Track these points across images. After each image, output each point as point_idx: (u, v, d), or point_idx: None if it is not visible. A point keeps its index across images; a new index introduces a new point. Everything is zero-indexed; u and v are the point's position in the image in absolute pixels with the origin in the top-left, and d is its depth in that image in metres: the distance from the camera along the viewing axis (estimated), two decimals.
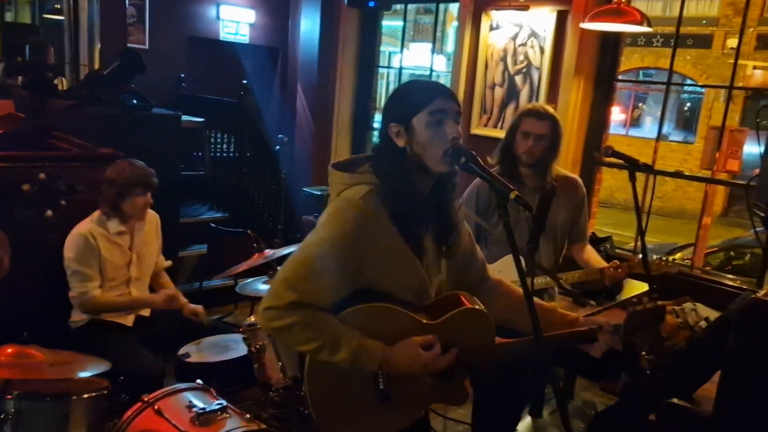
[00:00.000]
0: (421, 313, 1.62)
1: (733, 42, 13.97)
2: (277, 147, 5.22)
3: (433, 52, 6.45)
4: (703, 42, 14.59)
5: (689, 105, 16.35)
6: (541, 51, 4.35)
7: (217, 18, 6.84)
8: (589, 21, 3.63)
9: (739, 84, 10.84)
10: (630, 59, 15.07)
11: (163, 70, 6.06)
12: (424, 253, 1.64)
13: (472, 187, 2.65)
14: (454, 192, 1.68)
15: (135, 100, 4.38)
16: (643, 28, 3.49)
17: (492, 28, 4.61)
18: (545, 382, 3.32)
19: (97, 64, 6.07)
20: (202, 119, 5.83)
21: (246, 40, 7.07)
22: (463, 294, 1.71)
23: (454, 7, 5.59)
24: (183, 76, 6.62)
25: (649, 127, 16.33)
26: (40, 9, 8.87)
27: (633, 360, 1.72)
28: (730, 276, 4.15)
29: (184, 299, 3.16)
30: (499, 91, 4.65)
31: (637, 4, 3.63)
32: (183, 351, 2.85)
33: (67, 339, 2.84)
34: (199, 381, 2.42)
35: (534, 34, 4.38)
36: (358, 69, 5.93)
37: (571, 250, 2.76)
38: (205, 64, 6.91)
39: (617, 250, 4.05)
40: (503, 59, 4.57)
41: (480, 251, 1.86)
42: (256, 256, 3.13)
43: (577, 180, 2.74)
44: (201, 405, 2.20)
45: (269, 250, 3.19)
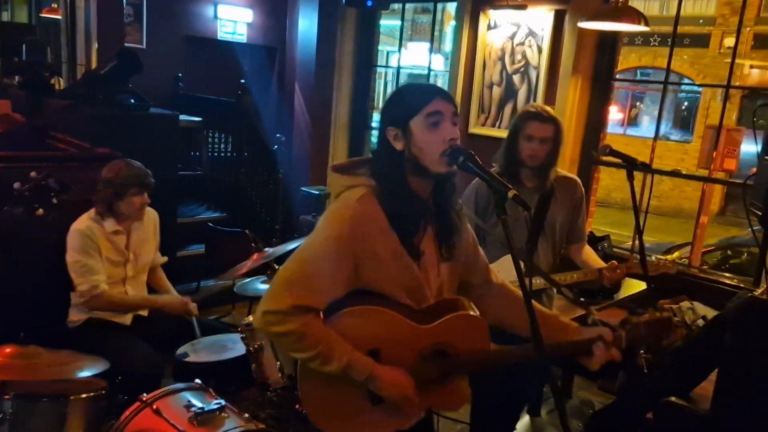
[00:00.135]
0: (416, 317, 1.61)
1: (730, 41, 13.99)
2: (275, 147, 5.22)
3: (431, 51, 6.45)
4: (700, 41, 14.61)
5: (686, 104, 16.37)
6: (539, 50, 4.36)
7: (215, 17, 6.83)
8: (587, 20, 3.63)
9: (736, 83, 10.84)
10: (627, 58, 15.09)
11: (160, 69, 6.06)
12: (422, 256, 1.63)
13: (471, 186, 2.64)
14: (453, 193, 1.68)
15: (132, 100, 4.38)
16: (641, 28, 3.50)
17: (490, 28, 4.62)
18: (543, 381, 3.32)
19: (94, 64, 6.06)
20: (200, 119, 5.83)
21: (243, 39, 7.07)
22: (461, 299, 1.70)
23: (452, 7, 5.59)
24: (180, 75, 6.61)
25: (646, 127, 16.36)
26: (36, 8, 8.86)
27: (630, 359, 1.72)
28: (727, 275, 4.16)
29: (176, 295, 3.19)
30: (497, 91, 4.65)
31: (635, 3, 3.63)
32: (181, 351, 2.84)
33: (64, 339, 2.82)
34: (198, 381, 2.41)
35: (532, 34, 4.39)
36: (355, 68, 5.93)
37: (569, 250, 2.75)
38: (202, 63, 6.91)
39: (615, 249, 4.06)
40: (501, 58, 4.58)
41: (483, 254, 1.84)
42: (255, 255, 3.13)
43: (576, 180, 2.73)
44: (199, 405, 2.19)
45: (268, 249, 3.18)
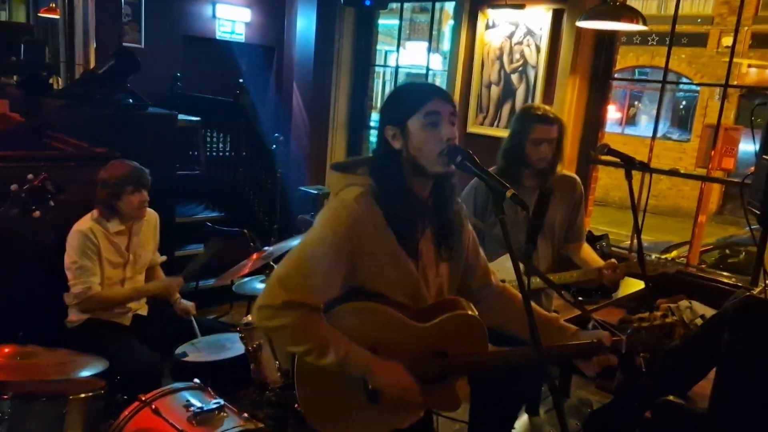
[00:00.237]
0: (413, 316, 1.61)
1: (727, 40, 13.99)
2: (273, 146, 5.22)
3: (430, 50, 6.44)
4: (698, 40, 14.61)
5: (684, 103, 16.38)
6: (537, 49, 4.36)
7: (213, 17, 6.83)
8: (585, 19, 3.64)
9: (733, 82, 10.86)
10: (625, 58, 15.08)
11: (158, 69, 6.06)
12: (420, 256, 1.63)
13: (471, 186, 2.64)
14: (453, 193, 1.67)
15: (130, 100, 4.37)
16: (639, 27, 3.50)
17: (488, 27, 4.62)
18: (542, 380, 3.32)
19: (92, 63, 6.04)
20: (198, 118, 5.82)
21: (242, 39, 7.07)
22: (460, 299, 1.70)
23: (450, 6, 5.60)
24: (179, 75, 6.61)
25: (644, 126, 16.36)
26: (34, 8, 8.84)
27: (628, 358, 1.73)
28: (725, 274, 4.16)
29: (176, 294, 3.16)
30: (495, 90, 4.65)
31: (633, 2, 3.64)
32: (180, 350, 2.84)
33: (63, 339, 2.82)
34: (196, 380, 2.42)
35: (530, 33, 4.39)
36: (354, 68, 5.93)
37: (568, 249, 2.75)
38: (200, 63, 6.91)
39: (613, 248, 4.07)
40: (499, 58, 4.58)
41: (484, 256, 1.84)
42: (254, 255, 3.13)
43: (575, 178, 2.73)
44: (198, 404, 2.19)
45: (267, 248, 3.18)
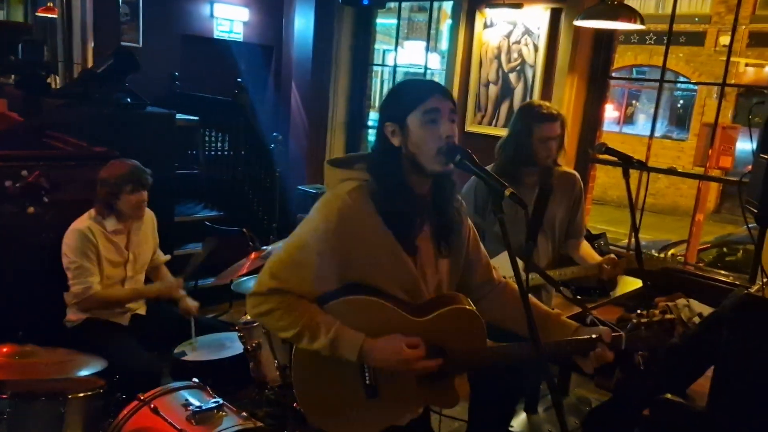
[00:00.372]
0: (411, 311, 1.61)
1: (725, 39, 14.02)
2: (272, 145, 5.21)
3: (428, 50, 6.45)
4: (696, 39, 14.63)
5: (682, 102, 16.41)
6: (535, 49, 4.37)
7: (211, 16, 6.83)
8: (583, 19, 3.64)
9: (731, 81, 10.87)
10: (623, 57, 15.10)
11: (157, 68, 6.05)
12: (418, 252, 1.63)
13: (471, 184, 2.63)
14: (453, 191, 1.67)
15: (129, 99, 4.37)
16: (637, 26, 3.51)
17: (486, 26, 4.62)
18: (541, 378, 3.33)
19: (90, 63, 6.05)
20: (197, 118, 5.82)
21: (240, 38, 7.06)
22: (458, 294, 1.69)
23: (448, 5, 5.60)
24: (177, 74, 6.60)
25: (642, 125, 16.38)
26: (32, 7, 8.82)
27: (627, 356, 1.73)
28: (723, 272, 4.17)
29: (182, 292, 3.16)
30: (493, 89, 4.66)
31: (631, 1, 3.64)
32: (179, 349, 2.85)
33: (62, 338, 2.82)
34: (195, 379, 2.42)
35: (528, 32, 4.40)
36: (352, 67, 5.93)
37: (567, 246, 2.75)
38: (199, 62, 6.90)
39: (611, 247, 4.07)
40: (497, 57, 4.58)
41: (485, 252, 1.84)
42: (253, 255, 3.13)
43: (575, 175, 2.72)
44: (197, 403, 2.20)
45: (265, 247, 3.18)
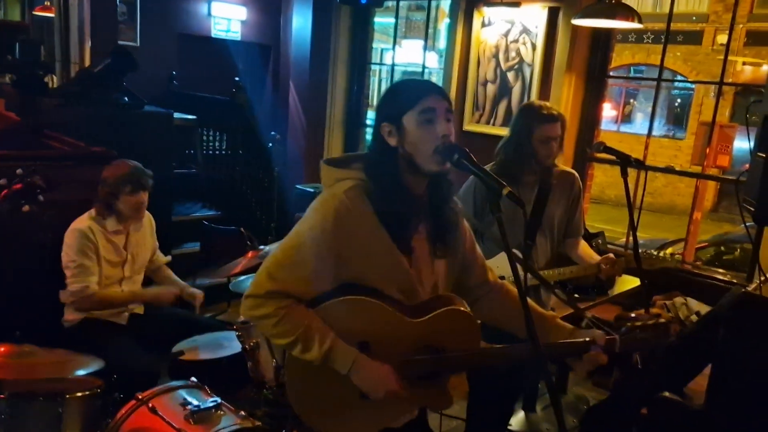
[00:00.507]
0: (406, 311, 1.60)
1: (722, 38, 14.05)
2: (270, 144, 5.21)
3: (426, 48, 6.45)
4: (694, 38, 14.66)
5: (679, 101, 16.43)
6: (533, 47, 4.37)
7: (209, 15, 6.82)
8: (581, 17, 3.64)
9: (729, 80, 10.89)
10: (621, 56, 15.13)
11: (154, 67, 6.04)
12: (413, 252, 1.62)
13: (470, 183, 2.63)
14: (450, 192, 1.66)
15: (126, 98, 4.37)
16: (634, 25, 3.51)
17: (484, 25, 4.62)
18: (539, 376, 3.33)
19: (87, 62, 6.04)
20: (194, 117, 5.81)
21: (238, 37, 7.06)
22: (453, 296, 1.69)
23: (446, 4, 5.60)
24: (174, 73, 6.59)
25: (640, 124, 16.41)
26: (29, 6, 8.81)
27: (625, 355, 1.73)
28: (721, 271, 4.18)
29: (182, 283, 3.20)
30: (491, 88, 4.66)
31: (628, 0, 3.64)
32: (177, 349, 2.84)
33: (60, 338, 2.82)
34: (193, 378, 2.42)
35: (526, 31, 4.40)
36: (350, 66, 5.92)
37: (565, 245, 2.75)
38: (196, 61, 6.89)
39: (609, 246, 4.08)
40: (495, 56, 4.58)
41: (481, 253, 1.83)
42: (250, 253, 3.13)
43: (574, 174, 2.72)
44: (195, 402, 2.19)
45: (263, 246, 3.18)
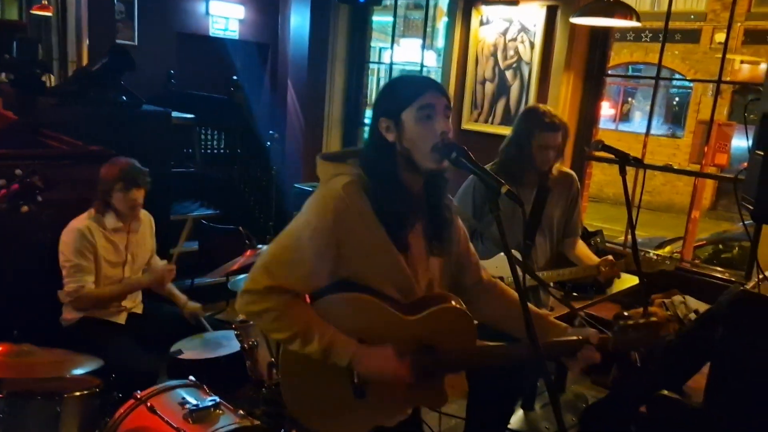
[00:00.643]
0: (402, 309, 1.60)
1: (720, 37, 14.05)
2: (268, 143, 5.21)
3: (424, 47, 6.43)
4: (692, 37, 14.67)
5: (678, 99, 16.45)
6: (531, 46, 4.37)
7: (207, 14, 6.81)
8: (579, 16, 3.64)
9: (727, 78, 10.91)
10: (619, 54, 15.14)
11: (152, 66, 6.04)
12: (409, 250, 1.61)
13: (469, 184, 2.62)
14: (445, 189, 1.66)
15: (124, 97, 4.36)
16: (632, 23, 3.51)
17: (482, 23, 4.62)
18: (537, 375, 3.33)
19: (85, 61, 6.04)
20: (192, 116, 5.81)
21: (236, 36, 7.05)
22: (449, 294, 1.69)
23: (444, 3, 5.60)
24: (172, 72, 6.59)
25: (638, 122, 16.43)
26: (27, 5, 8.80)
27: (623, 353, 1.73)
28: (719, 269, 4.18)
29: (183, 298, 3.19)
30: (489, 86, 4.66)
31: None
32: (175, 348, 2.85)
33: (59, 337, 2.82)
34: (192, 378, 2.41)
35: (524, 29, 4.40)
36: (348, 65, 5.92)
37: (564, 245, 2.76)
38: (194, 60, 6.89)
39: (608, 244, 4.08)
40: (493, 54, 4.58)
41: (475, 252, 1.83)
42: (248, 252, 3.13)
43: (572, 174, 2.73)
44: (194, 401, 2.19)
45: (261, 245, 3.18)
